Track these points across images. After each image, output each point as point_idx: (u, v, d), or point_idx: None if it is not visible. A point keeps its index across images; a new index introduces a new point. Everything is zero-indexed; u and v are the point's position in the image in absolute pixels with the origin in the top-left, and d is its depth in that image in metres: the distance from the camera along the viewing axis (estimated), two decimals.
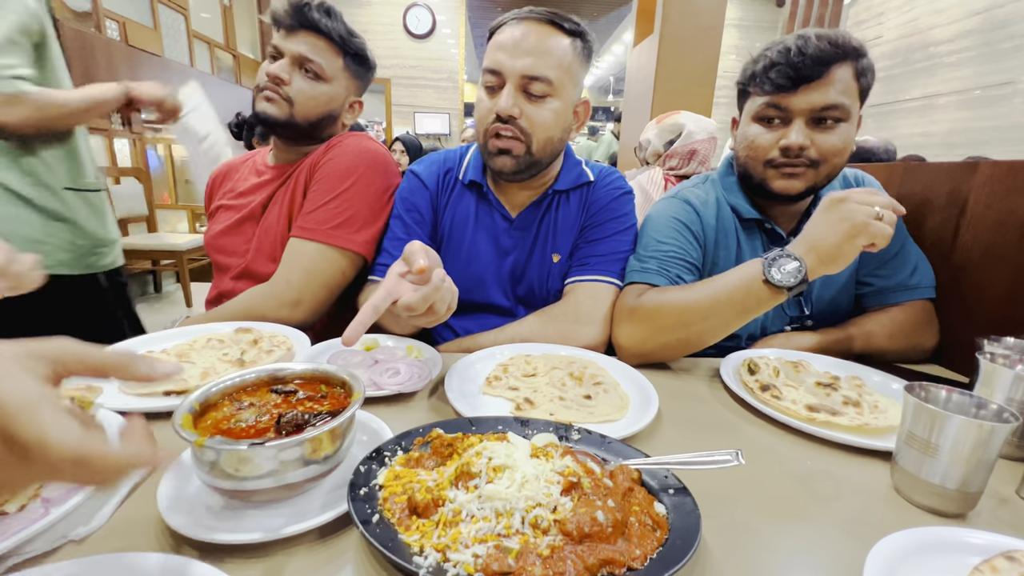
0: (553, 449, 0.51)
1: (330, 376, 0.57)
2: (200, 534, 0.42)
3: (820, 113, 0.84)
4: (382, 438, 0.57)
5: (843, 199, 0.74)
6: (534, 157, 0.93)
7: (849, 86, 0.84)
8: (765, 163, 0.91)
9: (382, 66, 7.33)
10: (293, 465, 0.45)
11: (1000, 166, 0.89)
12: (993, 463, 0.50)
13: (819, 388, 0.78)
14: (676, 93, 2.51)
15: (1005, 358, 0.66)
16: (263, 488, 0.45)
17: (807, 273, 0.74)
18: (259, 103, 1.03)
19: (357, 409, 0.50)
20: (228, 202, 1.14)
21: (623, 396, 0.74)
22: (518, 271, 1.03)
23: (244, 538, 0.43)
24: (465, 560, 0.38)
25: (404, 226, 1.02)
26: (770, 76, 0.85)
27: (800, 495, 0.55)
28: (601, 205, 1.02)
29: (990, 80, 4.16)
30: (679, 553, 0.40)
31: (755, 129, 0.91)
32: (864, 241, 0.72)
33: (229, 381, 0.54)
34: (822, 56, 0.81)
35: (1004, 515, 0.53)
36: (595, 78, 15.78)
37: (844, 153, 0.87)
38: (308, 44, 1.02)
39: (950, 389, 0.55)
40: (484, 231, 1.03)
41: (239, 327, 0.89)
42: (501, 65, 0.88)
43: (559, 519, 0.42)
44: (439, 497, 0.44)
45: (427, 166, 1.07)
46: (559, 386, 0.76)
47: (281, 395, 0.56)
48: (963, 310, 0.94)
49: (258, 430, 0.49)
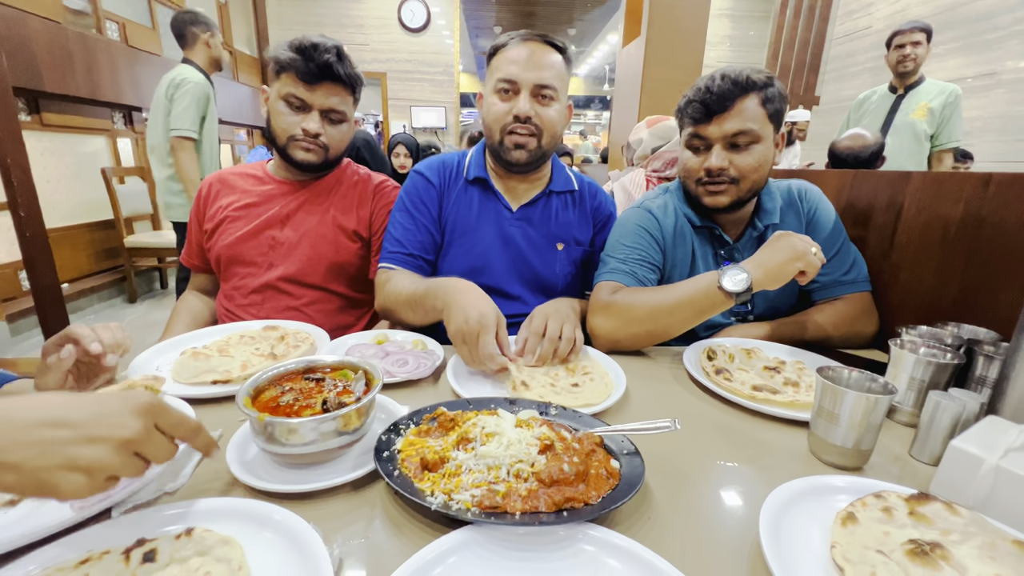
0: (534, 421, 0.64)
1: (355, 366, 0.71)
2: (259, 485, 0.56)
3: (733, 139, 1.00)
4: (396, 415, 0.71)
5: (790, 234, 0.94)
6: (543, 148, 1.13)
7: (756, 113, 0.99)
8: (696, 182, 1.07)
9: (377, 60, 7.41)
10: (329, 436, 0.59)
11: (928, 176, 1.02)
12: (880, 426, 0.64)
13: (766, 371, 0.91)
14: (663, 93, 2.62)
15: (913, 344, 0.79)
16: (307, 452, 0.58)
17: (752, 284, 0.90)
18: (297, 153, 1.17)
19: (377, 393, 0.63)
20: (235, 213, 1.23)
21: (608, 384, 0.85)
22: (522, 257, 1.19)
23: (293, 488, 0.56)
24: (465, 499, 0.51)
25: (411, 219, 1.17)
26: (689, 111, 1.04)
27: (733, 456, 0.69)
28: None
29: (974, 71, 4.26)
30: (623, 494, 0.53)
31: (686, 154, 1.08)
32: (801, 265, 0.89)
33: (273, 371, 0.68)
34: (726, 93, 0.98)
35: (894, 469, 0.67)
36: (590, 67, 15.73)
37: (761, 169, 1.02)
38: (333, 96, 1.15)
39: (851, 370, 0.69)
40: (488, 219, 1.19)
41: (266, 325, 1.02)
42: (517, 76, 1.08)
43: (535, 471, 0.55)
44: (444, 457, 0.57)
45: (430, 166, 1.22)
46: (553, 376, 0.88)
47: (313, 381, 0.70)
48: (898, 301, 1.08)
49: (299, 408, 0.63)
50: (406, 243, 1.15)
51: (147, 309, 4.02)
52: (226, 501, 0.52)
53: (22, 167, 2.31)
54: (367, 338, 1.02)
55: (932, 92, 2.90)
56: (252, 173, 1.28)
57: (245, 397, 0.60)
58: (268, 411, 0.62)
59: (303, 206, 1.24)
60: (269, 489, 0.56)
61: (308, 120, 1.14)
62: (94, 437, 0.40)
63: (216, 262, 1.25)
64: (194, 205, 1.28)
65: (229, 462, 0.59)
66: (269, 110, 1.17)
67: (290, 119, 1.14)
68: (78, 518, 0.50)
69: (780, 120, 1.02)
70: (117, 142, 4.30)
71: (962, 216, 0.95)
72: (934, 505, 0.54)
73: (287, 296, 1.22)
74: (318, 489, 0.57)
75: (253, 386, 0.64)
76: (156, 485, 0.57)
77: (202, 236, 1.27)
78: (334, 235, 1.24)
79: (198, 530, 0.48)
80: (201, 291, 1.35)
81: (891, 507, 0.55)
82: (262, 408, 0.62)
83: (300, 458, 0.59)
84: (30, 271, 2.42)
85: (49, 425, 0.39)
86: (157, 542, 0.46)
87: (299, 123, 1.14)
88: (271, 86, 1.17)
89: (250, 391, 0.62)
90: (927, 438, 0.68)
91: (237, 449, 0.62)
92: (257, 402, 0.63)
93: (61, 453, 0.39)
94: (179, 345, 0.95)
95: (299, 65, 1.09)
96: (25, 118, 3.38)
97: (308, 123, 1.13)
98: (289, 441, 0.57)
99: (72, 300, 3.64)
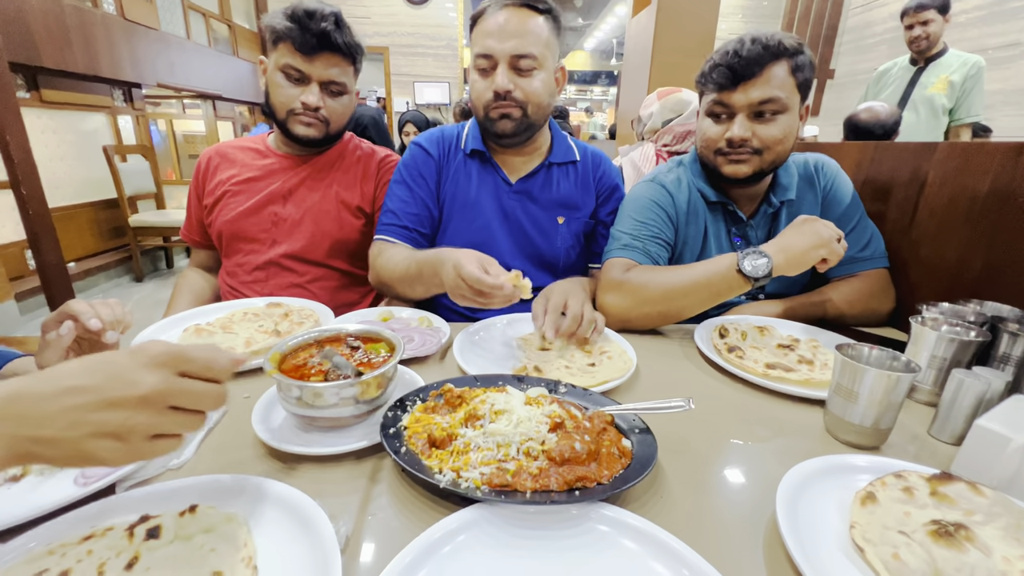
0: (543, 399, 0.62)
1: (379, 335, 0.71)
2: (281, 446, 0.58)
3: (759, 107, 0.95)
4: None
5: (815, 220, 0.91)
6: (530, 120, 1.07)
7: (785, 82, 0.94)
8: (715, 152, 1.02)
9: (380, 34, 7.24)
10: (349, 402, 0.59)
11: (955, 147, 0.97)
12: (900, 404, 0.62)
13: (779, 349, 0.89)
14: (674, 65, 2.53)
15: (934, 321, 0.77)
16: (329, 416, 0.59)
17: (773, 269, 0.88)
18: (297, 128, 1.13)
19: (397, 364, 0.63)
20: (236, 188, 1.21)
21: (627, 362, 0.82)
22: (522, 231, 1.16)
23: (309, 451, 0.58)
24: (474, 477, 0.50)
25: (408, 189, 1.14)
26: (713, 76, 0.97)
27: (746, 435, 0.67)
28: None
29: (997, 41, 4.10)
30: (636, 473, 0.52)
31: (706, 123, 1.03)
32: (824, 253, 0.87)
33: (295, 340, 0.68)
34: (756, 58, 0.92)
35: (912, 448, 0.65)
36: (597, 41, 15.31)
37: (785, 141, 0.97)
38: (333, 67, 1.10)
39: (872, 347, 0.66)
40: (486, 191, 1.15)
41: (269, 302, 1.01)
42: (492, 49, 1.01)
43: (546, 449, 0.54)
44: (452, 434, 0.56)
45: (429, 138, 1.18)
46: (568, 358, 0.85)
47: (349, 348, 0.70)
48: (918, 278, 1.04)
49: (319, 372, 0.64)
50: (401, 215, 1.12)
51: (154, 288, 4.04)
52: (231, 478, 0.51)
53: (22, 145, 2.29)
54: (372, 315, 1.00)
55: (954, 64, 2.79)
56: (252, 147, 1.25)
57: (271, 361, 0.62)
58: (294, 376, 0.62)
59: (305, 182, 1.21)
60: (285, 450, 0.57)
61: (307, 93, 1.10)
62: (111, 400, 0.38)
63: (217, 238, 1.23)
64: (193, 179, 1.26)
65: (255, 425, 0.60)
66: (267, 82, 1.13)
67: (289, 92, 1.10)
68: (82, 494, 0.49)
69: (808, 91, 0.97)
70: (118, 120, 4.25)
71: (989, 189, 0.90)
72: (958, 485, 0.52)
73: (291, 273, 1.20)
74: (328, 455, 0.58)
75: (281, 351, 0.65)
76: (161, 461, 0.56)
77: (202, 211, 1.24)
78: (337, 211, 1.21)
79: (202, 507, 0.47)
80: (202, 267, 1.33)
81: (912, 487, 0.53)
82: (290, 373, 0.63)
83: (320, 421, 0.60)
84: (35, 249, 2.42)
85: (70, 392, 0.37)
86: (161, 519, 0.45)
87: (298, 96, 1.10)
88: (268, 57, 1.13)
89: (276, 356, 0.64)
90: (948, 417, 0.66)
91: (263, 414, 0.64)
92: (283, 367, 0.64)
93: (87, 421, 0.37)
94: (182, 322, 0.94)
95: (296, 35, 1.05)
96: (24, 95, 3.34)
97: (307, 96, 1.10)
98: (314, 403, 0.58)
99: (79, 279, 3.65)
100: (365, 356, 0.68)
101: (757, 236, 1.10)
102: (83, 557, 0.42)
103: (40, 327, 0.69)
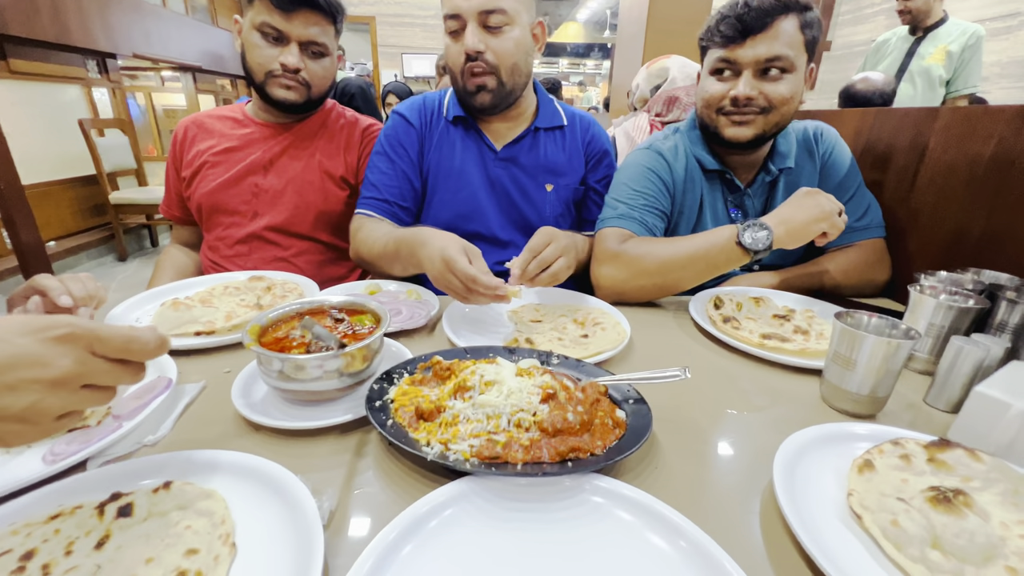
0: (535, 370, 0.60)
1: (364, 307, 0.69)
2: (262, 420, 0.55)
3: (766, 64, 0.91)
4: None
5: (817, 192, 0.88)
6: (506, 87, 1.02)
7: (794, 38, 0.89)
8: (718, 111, 0.98)
9: (365, 2, 6.97)
10: (332, 375, 0.57)
11: (958, 112, 0.94)
12: (898, 372, 0.61)
13: (775, 320, 0.88)
14: (669, 34, 2.45)
15: (933, 289, 0.75)
16: (311, 389, 0.57)
17: (773, 242, 0.85)
18: (276, 91, 1.07)
19: (383, 337, 0.61)
20: (214, 159, 1.15)
21: (621, 333, 0.80)
22: (510, 199, 1.11)
23: (291, 424, 0.56)
24: (463, 449, 0.48)
25: (389, 161, 1.09)
26: (720, 29, 0.92)
27: (742, 405, 0.66)
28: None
29: (996, 11, 4.03)
30: (630, 444, 0.50)
31: (709, 81, 0.98)
32: (825, 227, 0.85)
33: (276, 312, 0.65)
34: (767, 9, 0.88)
35: (908, 416, 0.65)
36: (591, 12, 14.91)
37: (791, 102, 0.94)
38: (312, 25, 1.03)
39: (871, 314, 0.65)
40: (471, 159, 1.10)
41: (252, 276, 0.97)
42: (458, 7, 0.95)
43: (538, 420, 0.52)
44: (441, 406, 0.54)
45: (410, 106, 1.13)
46: (560, 329, 0.83)
47: (333, 320, 0.68)
48: (916, 247, 1.03)
49: (300, 344, 0.61)
50: (382, 188, 1.08)
51: (138, 267, 3.96)
52: (208, 453, 0.49)
53: None
54: (359, 288, 0.97)
55: (953, 33, 2.73)
56: (230, 115, 1.20)
57: (250, 333, 0.59)
58: (275, 349, 0.60)
59: (287, 151, 1.16)
60: (267, 424, 0.55)
61: (286, 54, 1.04)
62: (13, 384, 0.34)
63: (197, 211, 1.18)
64: (170, 151, 1.20)
65: (235, 400, 0.58)
66: (243, 43, 1.07)
67: (267, 52, 1.04)
68: (51, 471, 0.47)
69: (814, 52, 0.93)
70: (92, 92, 4.08)
71: (992, 154, 0.88)
72: (955, 452, 0.51)
73: (274, 247, 1.16)
74: (313, 428, 0.56)
75: (260, 323, 0.62)
76: (135, 437, 0.54)
77: (180, 184, 1.19)
78: (321, 181, 1.17)
79: (177, 483, 0.45)
80: (184, 244, 1.29)
81: (909, 454, 0.52)
82: (270, 346, 0.60)
83: (302, 394, 0.58)
84: (9, 227, 2.34)
85: None
86: (133, 496, 0.43)
87: (277, 57, 1.04)
88: (244, 16, 1.06)
89: (255, 328, 0.61)
90: (945, 384, 0.65)
91: (243, 389, 0.61)
92: (263, 339, 0.61)
93: None
94: (159, 296, 0.91)
95: None
96: None
97: (287, 57, 1.04)
98: (296, 376, 0.56)
99: (60, 259, 3.56)
100: (350, 328, 0.66)
101: (754, 205, 1.07)
102: (49, 536, 0.40)
103: (6, 302, 0.66)
